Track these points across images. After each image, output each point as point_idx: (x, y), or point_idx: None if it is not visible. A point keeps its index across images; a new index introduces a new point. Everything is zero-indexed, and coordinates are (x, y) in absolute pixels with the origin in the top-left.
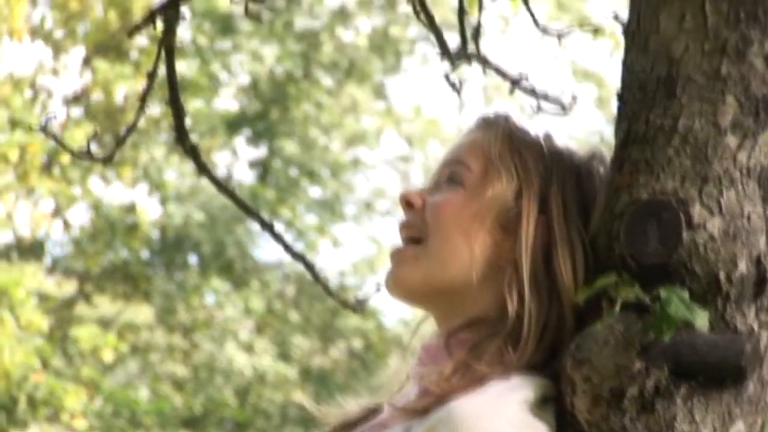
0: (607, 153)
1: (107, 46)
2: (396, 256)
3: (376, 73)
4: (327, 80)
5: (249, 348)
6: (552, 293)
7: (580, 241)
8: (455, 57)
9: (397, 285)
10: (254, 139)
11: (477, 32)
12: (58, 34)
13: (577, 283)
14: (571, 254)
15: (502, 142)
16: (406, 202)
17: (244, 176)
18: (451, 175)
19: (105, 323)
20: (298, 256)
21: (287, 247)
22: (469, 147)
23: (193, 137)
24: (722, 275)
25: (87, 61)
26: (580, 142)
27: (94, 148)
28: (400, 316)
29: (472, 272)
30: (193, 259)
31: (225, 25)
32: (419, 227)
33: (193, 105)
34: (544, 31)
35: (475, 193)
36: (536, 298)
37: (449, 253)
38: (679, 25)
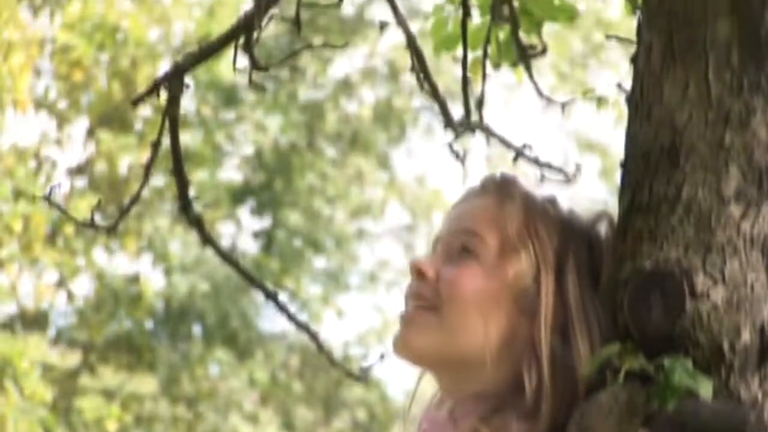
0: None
1: (111, 117)
2: (407, 320)
3: (380, 143)
4: (331, 151)
5: (253, 419)
6: (569, 370)
7: (596, 315)
8: (459, 127)
9: (406, 348)
10: (258, 210)
11: (480, 102)
12: (62, 104)
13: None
14: (588, 330)
15: (518, 217)
16: (418, 272)
17: (249, 247)
18: (465, 247)
19: (109, 394)
20: (302, 327)
21: (291, 318)
22: (482, 217)
23: (197, 208)
24: (726, 344)
25: (91, 132)
26: (584, 212)
27: (98, 218)
28: (404, 387)
29: (486, 350)
30: (197, 329)
31: (229, 96)
32: (431, 299)
33: (197, 176)
34: (548, 101)
35: (492, 272)
36: (553, 378)
37: (463, 330)
38: (683, 95)
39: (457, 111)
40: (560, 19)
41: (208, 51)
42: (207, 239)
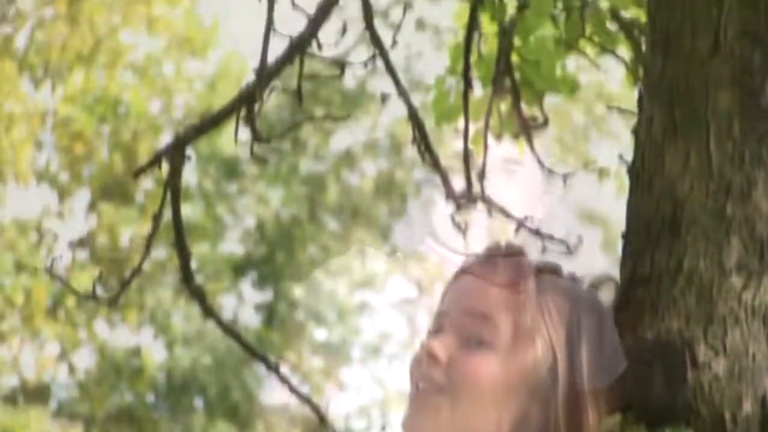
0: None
1: (112, 190)
2: (417, 402)
3: (382, 216)
4: (332, 223)
5: None
6: None
7: (604, 387)
8: (460, 199)
9: (417, 431)
10: (260, 283)
11: (482, 174)
12: (64, 177)
13: None
14: (597, 405)
15: (531, 297)
16: (430, 355)
17: (250, 319)
18: (478, 332)
19: None
20: (304, 399)
21: (293, 390)
22: (494, 299)
23: (199, 280)
24: (727, 415)
25: (92, 205)
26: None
27: (100, 291)
28: None
29: None
30: (198, 402)
31: (230, 169)
32: (443, 384)
33: (198, 248)
34: (550, 172)
35: (507, 359)
36: None
37: (475, 418)
38: (684, 166)
39: (459, 182)
40: (562, 92)
41: (210, 123)
42: (209, 312)
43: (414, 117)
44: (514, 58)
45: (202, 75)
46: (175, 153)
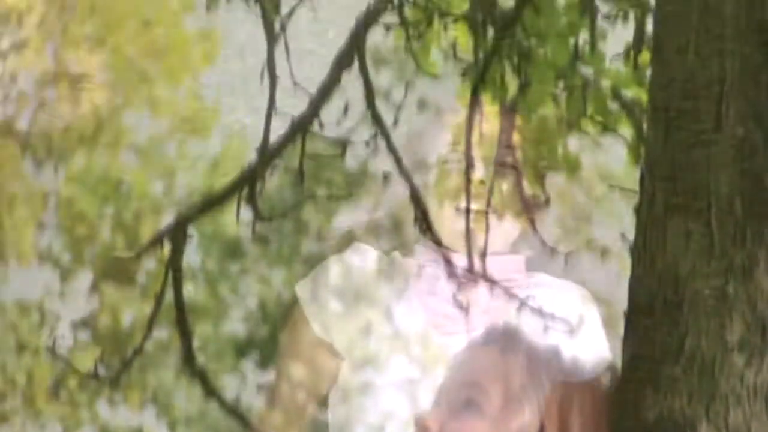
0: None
1: (115, 270)
2: None
3: (385, 297)
4: (335, 304)
5: None
6: None
7: None
8: (462, 278)
9: None
10: (262, 363)
11: (484, 252)
12: (66, 258)
13: None
14: None
15: (521, 369)
16: (422, 428)
17: (253, 400)
18: (468, 400)
19: None
20: None
21: None
22: (486, 370)
23: (201, 360)
24: None
25: (94, 285)
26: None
27: (101, 371)
28: None
29: None
30: None
31: (232, 249)
32: None
33: (200, 328)
34: (552, 252)
35: (496, 426)
36: None
37: None
38: (686, 244)
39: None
40: (563, 171)
41: (211, 203)
42: (211, 392)
43: (415, 197)
44: (516, 137)
45: (204, 154)
46: (177, 233)
